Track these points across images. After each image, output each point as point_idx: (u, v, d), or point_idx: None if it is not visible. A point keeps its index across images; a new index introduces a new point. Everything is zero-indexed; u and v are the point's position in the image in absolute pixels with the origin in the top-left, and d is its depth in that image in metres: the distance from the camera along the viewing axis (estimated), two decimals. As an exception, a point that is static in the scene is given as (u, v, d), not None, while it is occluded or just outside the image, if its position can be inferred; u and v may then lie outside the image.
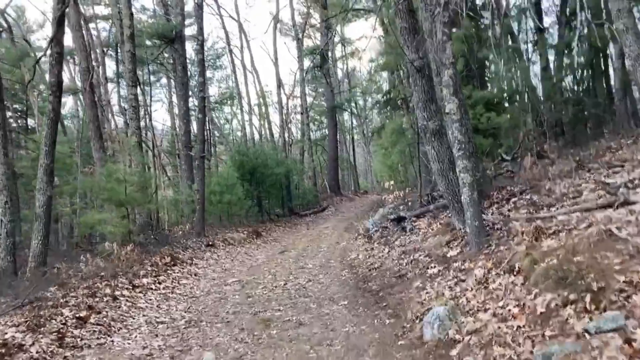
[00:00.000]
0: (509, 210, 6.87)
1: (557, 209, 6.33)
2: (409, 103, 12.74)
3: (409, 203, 11.44)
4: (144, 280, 8.25)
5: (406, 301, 5.68)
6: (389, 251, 8.50)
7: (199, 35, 14.38)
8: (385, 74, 34.34)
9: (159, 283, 8.45)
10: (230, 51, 33.14)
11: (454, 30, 7.73)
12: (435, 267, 6.16)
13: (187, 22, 24.84)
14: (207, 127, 25.22)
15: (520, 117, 10.60)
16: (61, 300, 6.59)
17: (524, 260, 5.04)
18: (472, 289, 5.04)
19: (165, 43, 21.67)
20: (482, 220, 6.12)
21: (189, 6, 24.70)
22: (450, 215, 7.68)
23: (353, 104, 39.22)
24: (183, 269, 10.07)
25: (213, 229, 16.16)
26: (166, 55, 25.60)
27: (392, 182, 14.66)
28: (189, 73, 23.79)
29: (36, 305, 6.31)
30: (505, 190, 7.66)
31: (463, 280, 5.33)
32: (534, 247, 5.28)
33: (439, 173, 7.18)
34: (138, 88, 15.55)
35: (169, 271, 9.55)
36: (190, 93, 23.55)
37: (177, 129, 23.95)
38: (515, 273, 4.97)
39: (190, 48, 27.04)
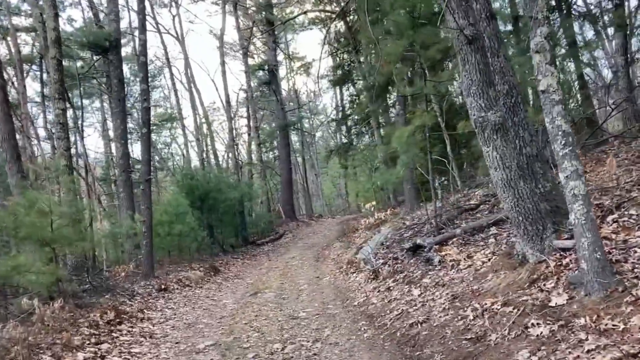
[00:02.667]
0: (614, 233, 4.96)
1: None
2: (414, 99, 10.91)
3: (414, 227, 9.45)
4: (80, 356, 5.70)
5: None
6: (421, 294, 6.32)
7: (141, 34, 11.96)
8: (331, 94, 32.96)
9: (102, 357, 5.91)
10: (170, 68, 30.56)
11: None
12: (539, 324, 4.06)
13: (122, 41, 22.17)
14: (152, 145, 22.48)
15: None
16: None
17: None
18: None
19: (98, 54, 18.94)
20: (604, 251, 4.16)
21: (124, 23, 22.21)
22: (515, 241, 5.71)
23: (300, 124, 37.40)
24: (133, 327, 7.54)
25: (163, 267, 13.60)
26: (98, 74, 22.88)
27: (373, 203, 12.71)
28: (126, 89, 21.10)
29: None
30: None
31: (634, 356, 3.26)
32: None
33: (505, 183, 5.19)
34: (67, 103, 12.94)
35: (114, 333, 7.01)
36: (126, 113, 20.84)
37: (114, 152, 21.04)
38: None
39: (125, 66, 24.44)
